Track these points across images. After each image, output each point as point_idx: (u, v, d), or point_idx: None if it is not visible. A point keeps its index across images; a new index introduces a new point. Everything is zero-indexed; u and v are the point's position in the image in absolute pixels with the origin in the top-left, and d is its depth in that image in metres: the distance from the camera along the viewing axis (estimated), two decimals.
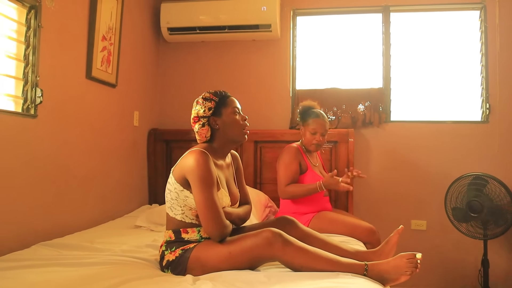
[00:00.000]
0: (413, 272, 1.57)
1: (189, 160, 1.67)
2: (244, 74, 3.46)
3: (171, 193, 1.74)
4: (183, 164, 1.70)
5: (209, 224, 1.63)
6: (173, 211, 1.75)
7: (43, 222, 2.11)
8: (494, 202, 2.76)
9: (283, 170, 2.56)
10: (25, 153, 1.99)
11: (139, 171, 3.23)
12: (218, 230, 1.63)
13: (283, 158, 2.60)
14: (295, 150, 2.61)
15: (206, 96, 1.82)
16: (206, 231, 1.66)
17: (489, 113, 3.19)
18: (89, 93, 2.53)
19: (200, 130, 1.81)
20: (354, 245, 2.13)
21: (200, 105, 1.80)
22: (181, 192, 1.71)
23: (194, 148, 1.73)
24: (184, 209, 1.73)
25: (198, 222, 1.73)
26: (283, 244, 1.56)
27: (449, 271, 3.21)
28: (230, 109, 1.82)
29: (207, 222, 1.63)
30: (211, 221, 1.62)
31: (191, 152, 1.70)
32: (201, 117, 1.80)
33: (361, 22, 3.49)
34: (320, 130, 2.60)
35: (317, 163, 2.74)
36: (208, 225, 1.63)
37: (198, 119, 1.80)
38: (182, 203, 1.72)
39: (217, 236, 1.63)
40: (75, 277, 1.48)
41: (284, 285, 1.42)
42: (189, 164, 1.66)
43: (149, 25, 3.38)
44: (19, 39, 2.00)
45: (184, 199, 1.72)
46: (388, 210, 3.28)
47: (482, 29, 3.26)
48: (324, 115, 2.67)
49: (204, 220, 1.63)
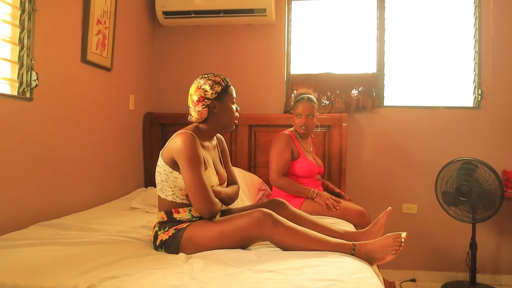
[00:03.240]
0: (398, 251, 1.62)
1: (177, 142, 1.72)
2: (239, 59, 3.48)
3: (161, 175, 1.79)
4: (171, 146, 1.75)
5: (198, 201, 1.69)
6: (164, 192, 1.80)
7: (40, 203, 2.15)
8: (483, 186, 2.82)
9: (275, 157, 2.61)
10: (21, 135, 2.02)
11: (134, 154, 3.27)
12: (207, 207, 1.69)
13: (275, 146, 2.64)
14: (286, 137, 2.65)
15: (217, 80, 1.86)
16: (196, 209, 1.72)
17: (481, 99, 3.23)
18: (84, 76, 2.55)
19: (202, 110, 1.84)
20: (343, 226, 2.18)
21: (210, 87, 1.83)
22: (170, 174, 1.76)
23: (181, 130, 1.79)
24: (174, 190, 1.78)
25: (189, 202, 1.78)
26: (273, 224, 1.62)
27: (438, 253, 3.29)
28: (230, 97, 1.90)
29: (196, 200, 1.69)
30: (200, 198, 1.68)
31: (178, 134, 1.75)
32: (206, 98, 1.84)
33: (355, 7, 3.49)
34: (304, 112, 2.64)
35: (310, 149, 2.78)
36: (198, 203, 1.69)
37: (203, 100, 1.84)
38: (172, 184, 1.77)
39: (207, 213, 1.70)
40: (71, 255, 1.53)
41: (273, 263, 1.47)
42: (176, 145, 1.72)
43: (144, 9, 3.38)
44: (14, 22, 2.01)
45: (174, 180, 1.76)
46: (379, 194, 3.33)
47: (476, 15, 3.27)
48: (312, 98, 2.70)
49: (194, 198, 1.70)
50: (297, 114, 2.67)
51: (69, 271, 1.33)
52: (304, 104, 2.65)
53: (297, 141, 2.68)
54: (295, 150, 2.63)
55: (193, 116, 1.87)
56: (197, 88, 1.85)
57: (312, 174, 2.67)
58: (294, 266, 1.45)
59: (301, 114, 2.65)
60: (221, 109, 1.87)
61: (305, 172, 2.62)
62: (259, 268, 1.44)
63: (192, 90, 1.87)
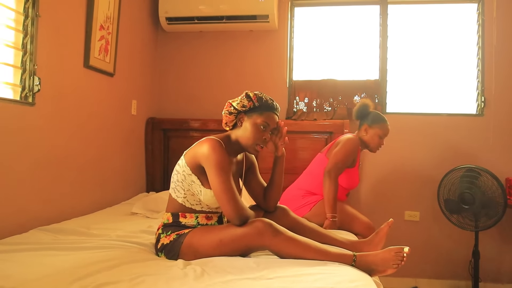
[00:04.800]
0: (399, 265, 1.60)
1: (204, 147, 1.70)
2: (241, 65, 3.48)
3: (179, 174, 1.77)
4: (197, 150, 1.73)
5: (226, 206, 1.66)
6: (176, 193, 1.79)
7: (42, 208, 2.16)
8: (486, 194, 2.79)
9: (342, 156, 2.54)
10: (23, 140, 2.03)
11: (136, 159, 3.28)
12: (235, 212, 1.65)
13: (347, 146, 2.58)
14: (358, 144, 2.65)
15: (250, 95, 1.81)
16: (226, 214, 1.69)
17: (484, 106, 3.22)
18: (87, 81, 2.56)
19: (227, 116, 1.84)
20: (344, 235, 2.17)
21: (240, 98, 1.81)
22: (188, 176, 1.75)
23: (211, 137, 1.76)
24: (187, 194, 1.77)
25: (199, 209, 1.78)
26: (273, 234, 1.60)
27: (441, 261, 3.27)
28: (260, 120, 1.79)
29: (225, 205, 1.66)
30: (228, 203, 1.65)
31: (207, 140, 1.72)
32: (233, 106, 1.82)
33: (358, 14, 3.50)
34: (387, 135, 2.68)
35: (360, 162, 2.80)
36: (226, 208, 1.66)
37: (231, 106, 1.83)
38: (187, 187, 1.76)
39: (236, 218, 1.65)
40: (69, 260, 1.52)
41: (272, 271, 1.46)
42: (203, 151, 1.69)
43: (147, 15, 3.40)
44: (17, 28, 2.03)
45: (190, 184, 1.75)
46: (382, 201, 3.32)
47: (479, 22, 3.27)
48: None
49: (222, 203, 1.67)
50: (380, 135, 2.66)
51: (65, 277, 1.33)
52: (388, 127, 2.67)
53: (359, 152, 2.70)
54: (355, 159, 2.64)
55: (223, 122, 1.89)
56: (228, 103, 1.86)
57: (353, 188, 2.70)
58: (293, 274, 1.43)
59: (383, 137, 2.67)
60: (245, 126, 1.81)
61: (351, 184, 2.64)
62: (258, 275, 1.43)
63: None
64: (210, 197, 1.73)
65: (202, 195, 1.74)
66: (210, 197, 1.73)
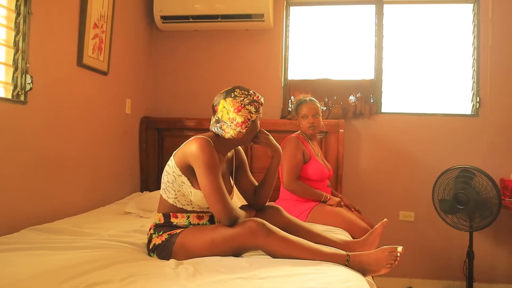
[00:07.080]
0: (393, 265, 1.60)
1: (193, 147, 1.68)
2: (236, 64, 3.47)
3: (169, 175, 1.76)
4: (186, 150, 1.71)
5: (215, 207, 1.64)
6: (167, 193, 1.78)
7: (34, 207, 2.14)
8: (480, 195, 2.79)
9: (287, 161, 2.55)
10: (15, 139, 2.01)
11: (130, 158, 3.26)
12: (225, 212, 1.63)
13: (286, 150, 2.57)
14: (295, 140, 2.64)
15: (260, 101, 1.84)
16: (215, 215, 1.68)
17: (479, 106, 3.22)
18: (80, 80, 2.54)
19: (243, 130, 1.79)
20: (338, 234, 2.16)
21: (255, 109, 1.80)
22: (178, 177, 1.73)
23: (199, 135, 1.74)
24: (177, 194, 1.75)
25: (190, 209, 1.77)
26: (266, 234, 1.59)
27: (435, 261, 3.27)
28: (259, 116, 1.86)
29: (214, 205, 1.65)
30: (217, 203, 1.64)
31: (196, 139, 1.71)
32: (250, 120, 1.79)
33: (354, 14, 3.49)
34: (310, 112, 2.66)
35: (319, 152, 2.78)
36: (215, 208, 1.65)
37: (248, 121, 1.78)
38: (177, 187, 1.74)
39: (225, 219, 1.64)
40: (60, 260, 1.51)
41: (264, 271, 1.45)
42: (192, 150, 1.68)
43: (142, 13, 3.38)
44: (9, 25, 2.01)
45: (180, 184, 1.74)
46: (377, 201, 3.31)
47: (475, 22, 3.27)
48: (314, 99, 2.74)
49: (211, 203, 1.66)
50: (303, 116, 2.68)
51: (55, 277, 1.31)
52: (308, 104, 2.68)
53: (307, 144, 2.68)
54: (306, 153, 2.62)
55: (228, 133, 1.77)
56: (239, 106, 1.76)
57: (324, 178, 2.67)
58: (286, 274, 1.43)
59: (307, 114, 2.66)
60: (251, 127, 1.81)
61: (317, 175, 2.61)
62: (250, 275, 1.42)
63: (228, 105, 1.76)
64: (201, 197, 1.72)
65: (193, 196, 1.73)
66: (201, 198, 1.72)
